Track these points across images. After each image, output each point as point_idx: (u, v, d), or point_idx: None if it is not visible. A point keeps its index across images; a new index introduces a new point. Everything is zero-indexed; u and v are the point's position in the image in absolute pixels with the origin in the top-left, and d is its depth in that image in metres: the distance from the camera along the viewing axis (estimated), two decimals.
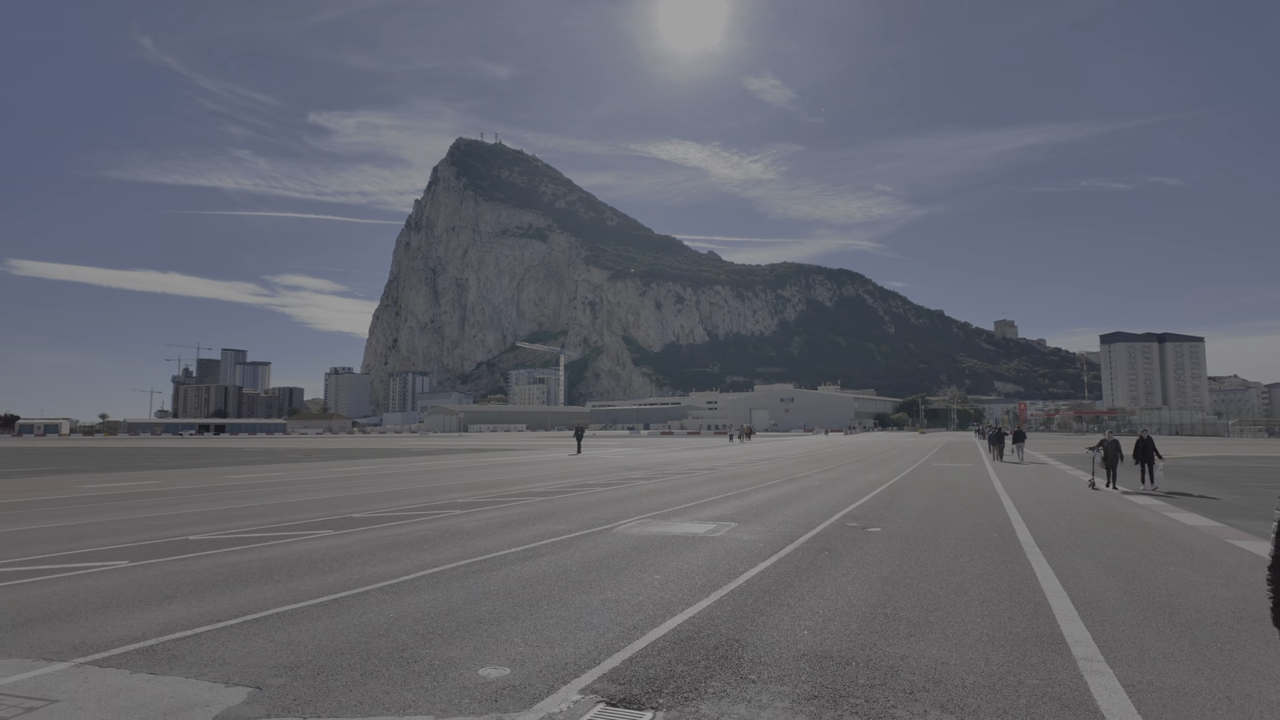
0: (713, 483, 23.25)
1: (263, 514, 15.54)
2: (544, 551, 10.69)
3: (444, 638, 6.33)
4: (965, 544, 11.31)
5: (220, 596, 7.84)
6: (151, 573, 9.17)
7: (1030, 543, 11.45)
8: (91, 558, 10.32)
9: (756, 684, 5.24)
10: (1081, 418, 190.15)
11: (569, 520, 14.19)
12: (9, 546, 11.46)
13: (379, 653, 5.91)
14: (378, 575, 8.96)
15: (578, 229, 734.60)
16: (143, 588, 8.31)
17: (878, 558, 10.15)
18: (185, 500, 18.67)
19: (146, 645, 6.09)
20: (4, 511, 16.53)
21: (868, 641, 6.26)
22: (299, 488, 22.35)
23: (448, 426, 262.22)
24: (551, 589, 8.22)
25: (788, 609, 7.35)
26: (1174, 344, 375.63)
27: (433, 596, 7.86)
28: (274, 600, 7.66)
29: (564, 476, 26.29)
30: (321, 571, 9.20)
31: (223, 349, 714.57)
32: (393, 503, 17.63)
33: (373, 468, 33.01)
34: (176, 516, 15.19)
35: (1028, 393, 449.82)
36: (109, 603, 7.60)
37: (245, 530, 13.03)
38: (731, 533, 12.53)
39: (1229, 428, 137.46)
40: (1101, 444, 21.06)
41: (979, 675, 5.42)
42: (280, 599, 7.72)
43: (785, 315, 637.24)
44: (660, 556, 10.27)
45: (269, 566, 9.54)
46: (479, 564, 9.73)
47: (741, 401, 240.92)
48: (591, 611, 7.22)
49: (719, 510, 15.81)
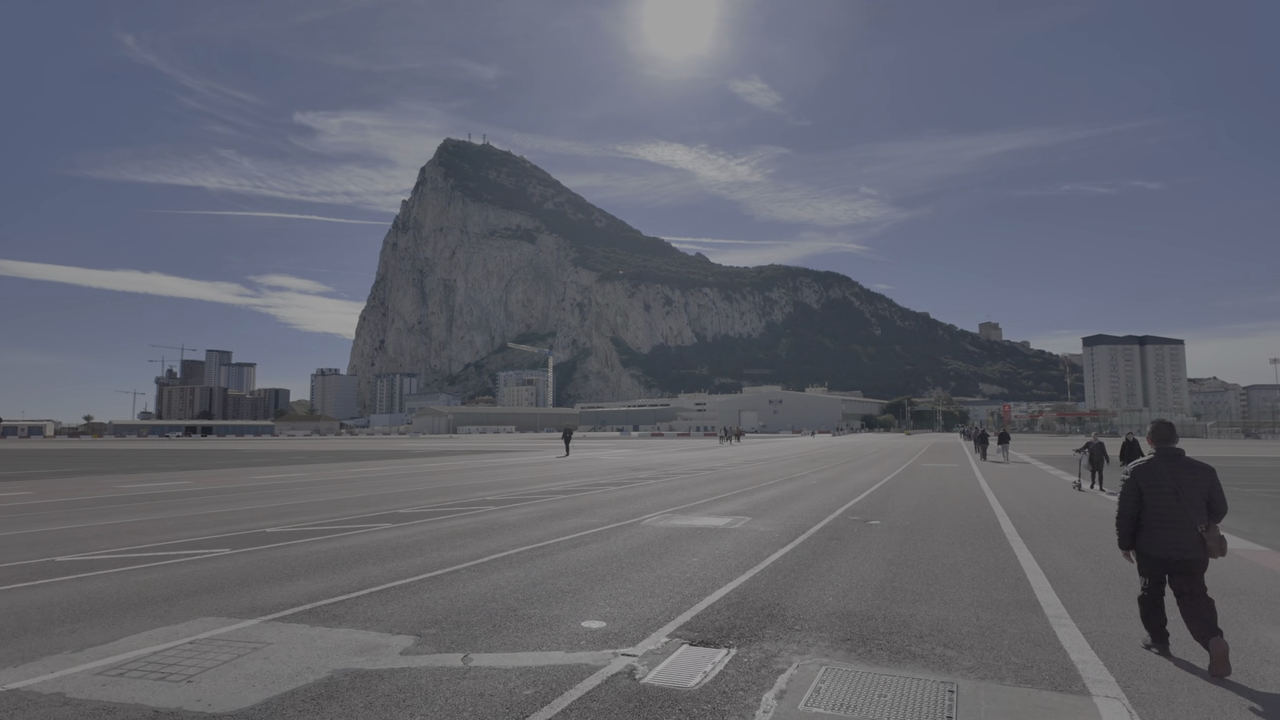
0: (717, 482, 24.76)
1: (314, 511, 16.91)
2: (588, 540, 12.17)
3: (542, 602, 7.82)
4: (956, 533, 12.90)
5: (335, 575, 9.28)
6: (259, 558, 10.58)
7: (1012, 532, 13.05)
8: (195, 546, 11.71)
9: (800, 631, 6.76)
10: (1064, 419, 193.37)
11: (598, 515, 15.66)
12: (111, 538, 12.79)
13: (496, 612, 7.39)
14: (457, 559, 10.42)
15: (566, 230, 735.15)
16: (263, 569, 9.73)
17: (881, 545, 11.71)
18: (228, 499, 19.97)
19: (306, 609, 7.53)
20: (73, 508, 17.78)
21: (882, 605, 7.80)
22: (327, 487, 23.66)
23: (436, 428, 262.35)
24: (610, 569, 9.72)
25: (812, 583, 8.89)
26: (1155, 346, 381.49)
27: (514, 574, 9.34)
28: (383, 578, 9.11)
29: (575, 477, 27.74)
30: (406, 556, 10.65)
31: (207, 350, 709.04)
32: (426, 500, 19.02)
33: (385, 469, 34.30)
34: (235, 513, 16.53)
35: (1012, 394, 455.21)
36: (247, 580, 9.02)
37: (310, 524, 14.41)
38: (748, 525, 14.05)
39: (1207, 429, 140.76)
40: (1087, 446, 21.70)
41: (972, 627, 6.97)
42: (387, 577, 9.17)
43: (773, 317, 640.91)
44: (691, 544, 11.77)
45: (358, 553, 10.96)
46: (538, 550, 11.21)
47: (730, 403, 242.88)
48: (651, 584, 8.73)
49: (731, 506, 17.33)
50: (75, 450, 73.80)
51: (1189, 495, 5.89)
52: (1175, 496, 5.91)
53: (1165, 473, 6.01)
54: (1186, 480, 5.93)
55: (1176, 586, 5.94)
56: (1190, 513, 5.85)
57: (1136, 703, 5.08)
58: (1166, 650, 6.18)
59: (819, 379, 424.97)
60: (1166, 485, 5.97)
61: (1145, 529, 6.07)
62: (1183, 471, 5.98)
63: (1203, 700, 5.13)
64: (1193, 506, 5.86)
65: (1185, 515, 5.87)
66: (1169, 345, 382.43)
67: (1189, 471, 5.97)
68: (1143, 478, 6.09)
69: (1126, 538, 6.20)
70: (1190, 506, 5.86)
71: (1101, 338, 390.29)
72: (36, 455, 59.25)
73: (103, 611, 7.47)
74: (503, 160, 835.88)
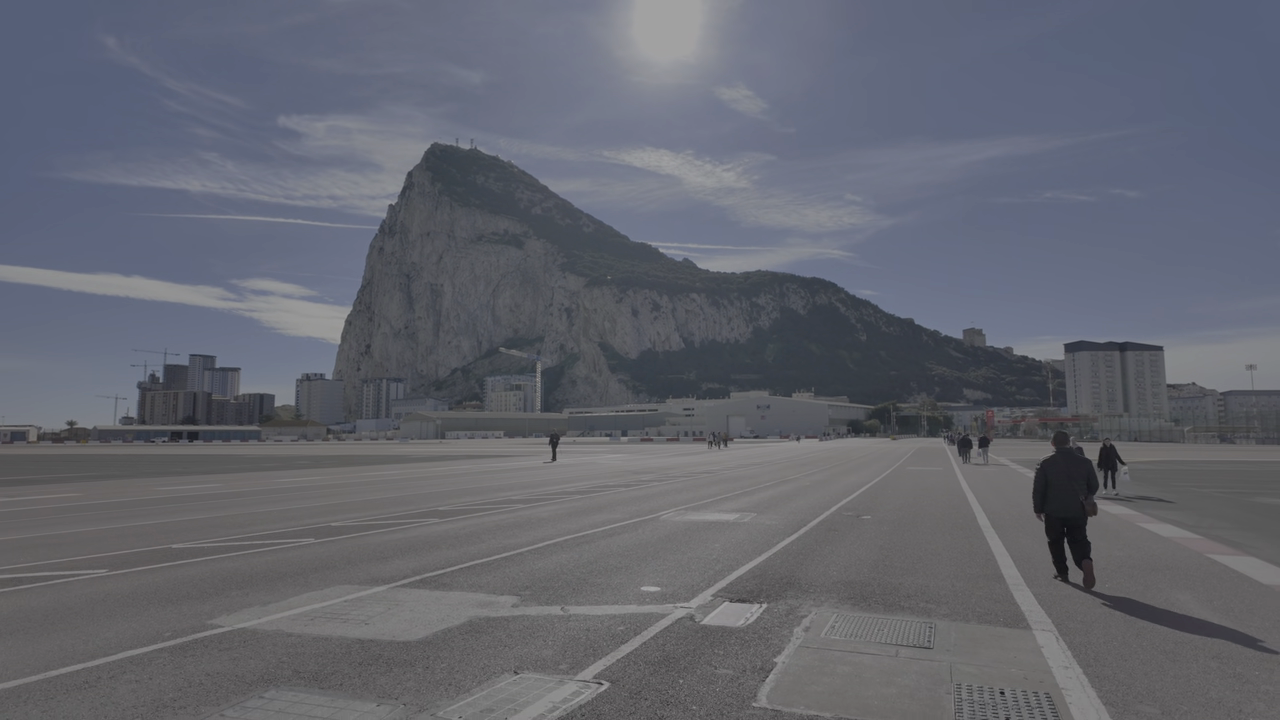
0: (717, 484, 26.64)
1: (360, 509, 18.61)
2: (619, 531, 14.00)
3: (604, 574, 9.66)
4: (937, 526, 14.84)
5: (421, 557, 11.06)
6: (343, 545, 12.33)
7: (987, 525, 15.01)
8: (280, 537, 13.43)
9: (814, 593, 8.64)
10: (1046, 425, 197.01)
11: (618, 511, 17.48)
12: (198, 531, 14.46)
13: (570, 581, 9.22)
14: (516, 544, 12.23)
15: (554, 235, 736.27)
16: (355, 553, 11.48)
17: (873, 534, 13.62)
18: (269, 499, 21.61)
19: (416, 580, 9.33)
20: (133, 507, 19.37)
21: (877, 576, 9.69)
22: (355, 489, 25.31)
23: (425, 433, 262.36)
24: (648, 551, 11.56)
25: (818, 562, 10.77)
26: (1135, 353, 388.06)
27: (569, 555, 11.16)
28: (462, 559, 10.91)
29: (583, 479, 29.52)
30: (471, 543, 12.43)
31: (191, 354, 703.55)
32: (457, 500, 20.76)
33: (399, 473, 35.92)
34: (289, 511, 18.21)
35: (995, 400, 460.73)
36: (351, 560, 10.79)
37: (366, 520, 16.13)
38: (755, 519, 15.93)
39: (1184, 434, 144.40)
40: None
41: (948, 591, 8.86)
42: (465, 558, 10.96)
43: (760, 323, 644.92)
44: (709, 534, 13.63)
45: (427, 541, 12.73)
46: (581, 538, 13.03)
47: (719, 408, 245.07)
48: (687, 562, 10.58)
49: (736, 504, 19.21)
50: (75, 456, 74.57)
51: (1075, 477, 9.35)
52: (1067, 478, 9.37)
53: (1061, 463, 9.47)
54: (1074, 468, 9.39)
55: (1070, 535, 9.40)
56: (1076, 488, 9.32)
57: (1063, 633, 6.99)
58: (1065, 578, 9.48)
59: (805, 384, 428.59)
60: (1062, 471, 9.42)
61: (1049, 499, 9.50)
62: (1071, 463, 9.40)
63: (1112, 631, 7.05)
64: (1077, 484, 9.35)
65: (1073, 490, 9.34)
66: (1149, 351, 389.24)
67: (1075, 463, 9.40)
68: (1048, 467, 9.56)
69: (1038, 504, 9.66)
70: (1076, 484, 9.35)
71: (1083, 344, 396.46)
72: (41, 461, 60.19)
73: (256, 582, 9.24)
74: (490, 165, 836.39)
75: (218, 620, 7.34)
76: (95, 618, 7.50)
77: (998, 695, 5.32)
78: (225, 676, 5.68)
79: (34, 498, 22.96)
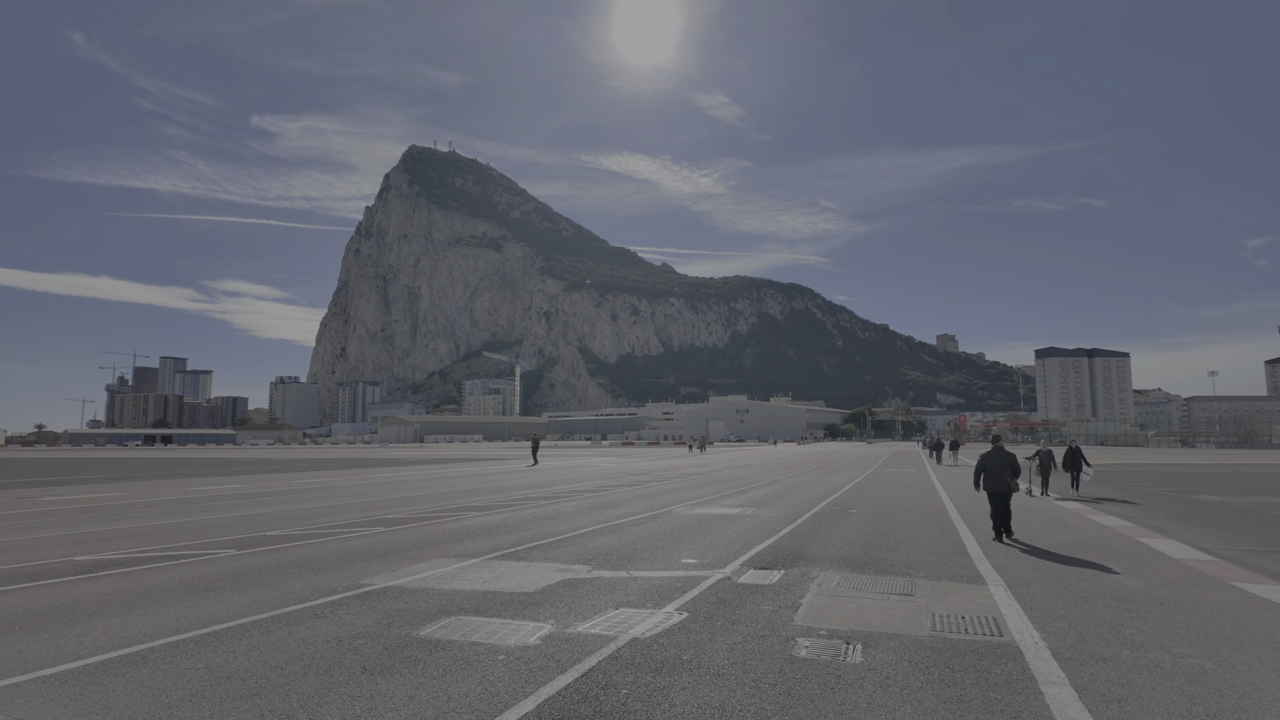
0: (711, 484, 28.91)
1: (400, 504, 20.60)
2: (643, 522, 16.18)
3: (649, 552, 11.85)
4: (914, 517, 17.23)
5: (488, 539, 13.17)
6: (417, 532, 14.38)
7: (956, 516, 17.41)
8: (350, 526, 15.43)
9: (819, 564, 10.91)
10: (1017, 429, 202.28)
11: (632, 507, 19.66)
12: (270, 523, 16.40)
13: (624, 556, 11.40)
14: (559, 531, 14.38)
15: (533, 239, 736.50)
16: (431, 538, 13.54)
17: (860, 524, 15.96)
18: (306, 498, 23.48)
19: (497, 555, 11.45)
20: (183, 505, 21.18)
21: (867, 552, 12.00)
22: (380, 489, 27.22)
23: (402, 437, 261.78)
24: (676, 536, 13.77)
25: (818, 542, 13.06)
26: (1102, 359, 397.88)
27: (611, 539, 13.34)
28: (522, 540, 13.03)
29: (586, 480, 31.64)
30: (521, 530, 14.55)
31: (161, 357, 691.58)
32: (482, 497, 22.79)
33: (406, 474, 37.76)
34: (334, 507, 20.14)
35: (968, 404, 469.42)
36: (432, 542, 12.87)
37: (414, 513, 18.15)
38: (756, 513, 18.20)
39: (1148, 438, 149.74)
40: (1037, 454, 23.53)
41: (924, 562, 11.18)
42: (525, 540, 13.09)
43: (738, 328, 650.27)
44: (720, 524, 15.86)
45: (483, 529, 14.82)
46: (614, 526, 15.20)
47: (698, 413, 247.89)
48: (711, 544, 12.81)
49: (735, 500, 21.48)
50: (64, 459, 75.00)
51: (1003, 465, 13.46)
52: (998, 466, 13.49)
53: (994, 456, 13.65)
54: (1003, 459, 13.55)
55: (997, 509, 13.48)
56: (1005, 473, 13.43)
57: (1010, 587, 9.32)
58: (999, 539, 13.39)
59: (783, 389, 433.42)
60: (994, 461, 13.58)
61: (985, 480, 13.66)
62: (1001, 455, 13.60)
63: (1047, 586, 9.39)
64: (1005, 470, 13.46)
65: (1002, 474, 13.47)
66: (1115, 358, 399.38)
67: (1004, 455, 13.59)
68: (984, 458, 13.75)
69: (976, 483, 13.95)
70: (1004, 470, 13.46)
71: (1053, 350, 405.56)
72: (34, 464, 60.87)
73: (369, 558, 11.31)
74: (469, 168, 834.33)
75: (366, 581, 9.44)
76: (271, 579, 9.55)
77: (960, 618, 7.62)
78: (407, 612, 7.81)
79: (86, 496, 24.59)
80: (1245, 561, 11.41)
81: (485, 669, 5.91)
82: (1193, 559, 11.58)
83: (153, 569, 10.45)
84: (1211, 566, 10.92)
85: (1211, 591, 9.16)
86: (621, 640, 6.72)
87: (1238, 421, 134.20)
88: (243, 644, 6.62)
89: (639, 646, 6.54)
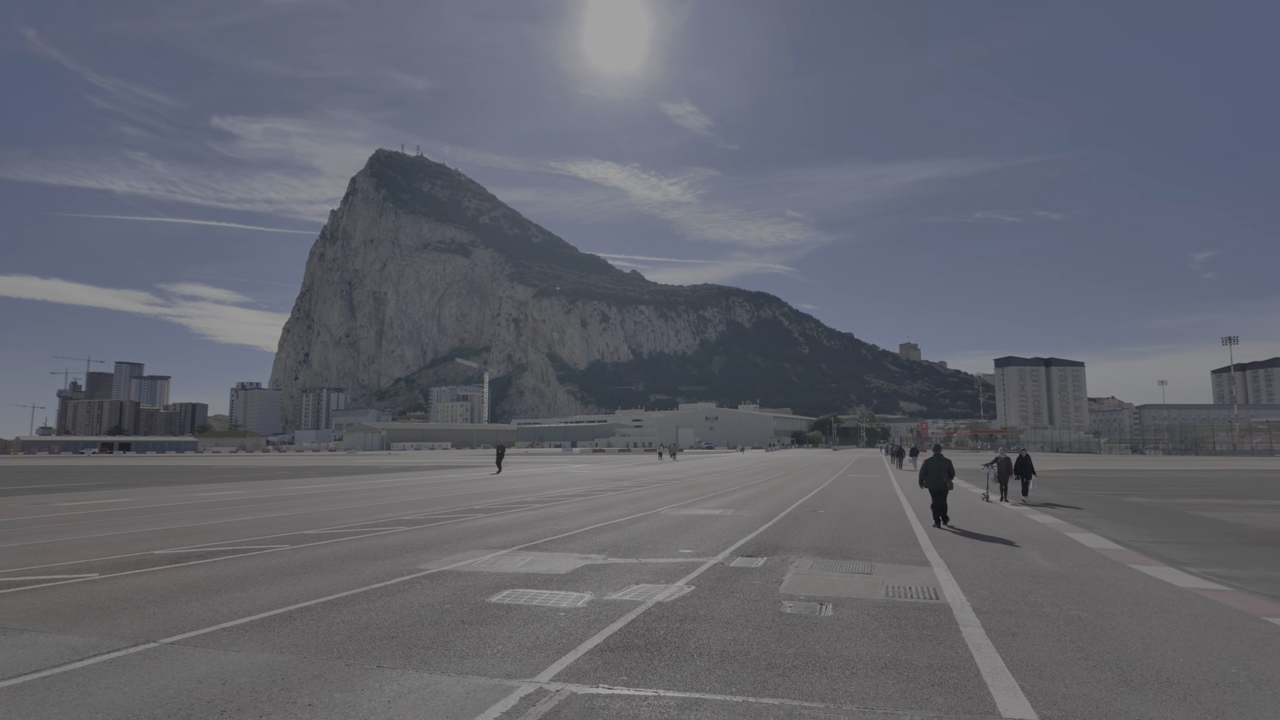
0: (690, 489, 30.97)
1: (407, 508, 22.28)
2: (637, 521, 18.15)
3: (649, 544, 13.84)
4: (875, 517, 19.47)
5: (506, 535, 15.03)
6: (439, 530, 16.16)
7: (912, 516, 19.68)
8: (377, 525, 17.15)
9: (795, 552, 13.01)
10: (977, 436, 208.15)
11: (623, 509, 21.61)
12: (304, 523, 18.01)
13: (629, 547, 13.37)
14: (566, 529, 16.29)
15: (502, 245, 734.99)
16: (456, 535, 15.34)
17: (828, 522, 18.13)
18: (315, 502, 25.01)
19: (521, 548, 13.34)
20: (203, 510, 22.59)
21: (834, 544, 14.14)
22: (381, 494, 28.78)
23: (369, 445, 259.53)
24: (668, 532, 15.77)
25: (792, 536, 15.17)
26: (1059, 368, 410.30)
27: (614, 535, 15.30)
28: (535, 537, 14.91)
29: (570, 485, 33.50)
30: (529, 529, 16.42)
31: (116, 362, 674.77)
32: (480, 500, 24.53)
33: (395, 481, 39.21)
34: (352, 510, 21.76)
35: (930, 412, 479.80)
36: (460, 537, 14.68)
37: (425, 515, 19.88)
38: (736, 513, 20.29)
39: (1101, 445, 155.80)
40: (995, 461, 24.87)
41: (882, 551, 13.34)
42: (536, 537, 14.97)
43: (707, 335, 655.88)
44: (706, 523, 17.90)
45: (496, 528, 16.66)
46: (610, 525, 17.15)
47: (668, 420, 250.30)
48: (701, 538, 14.84)
49: (715, 503, 23.55)
50: (33, 468, 74.39)
51: (941, 468, 16.84)
52: (937, 468, 16.85)
53: (935, 460, 17.01)
54: (941, 463, 16.92)
55: (937, 502, 16.75)
56: (942, 474, 16.77)
57: (950, 569, 11.50)
58: (938, 525, 16.67)
59: (751, 396, 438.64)
60: (935, 464, 16.95)
61: (927, 480, 16.94)
62: (940, 459, 16.94)
63: (980, 568, 11.59)
64: (943, 472, 16.84)
65: (940, 474, 16.84)
66: (1071, 367, 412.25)
67: (942, 460, 16.91)
68: (928, 461, 16.99)
69: (921, 482, 17.04)
70: (943, 472, 16.82)
71: (1011, 359, 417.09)
72: (9, 473, 60.66)
73: (411, 550, 13.11)
74: (437, 173, 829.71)
75: (422, 567, 11.29)
76: (341, 566, 11.33)
77: (908, 588, 9.76)
78: (471, 587, 9.69)
79: (102, 502, 25.77)
80: (1146, 549, 13.77)
81: (554, 620, 7.87)
82: (1104, 548, 13.91)
83: (233, 559, 12.16)
84: (1118, 554, 13.24)
85: (1110, 571, 11.43)
86: (649, 603, 8.72)
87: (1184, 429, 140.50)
88: (357, 608, 8.47)
89: (664, 607, 8.54)
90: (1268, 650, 6.94)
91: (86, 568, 11.50)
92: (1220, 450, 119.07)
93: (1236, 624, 7.94)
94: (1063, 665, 6.44)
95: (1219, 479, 37.31)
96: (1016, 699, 5.57)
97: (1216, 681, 6.03)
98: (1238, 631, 7.63)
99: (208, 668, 6.27)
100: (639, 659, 6.51)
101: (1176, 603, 9.02)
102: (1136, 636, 7.41)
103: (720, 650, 6.80)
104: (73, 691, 5.70)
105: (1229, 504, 23.11)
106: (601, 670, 6.20)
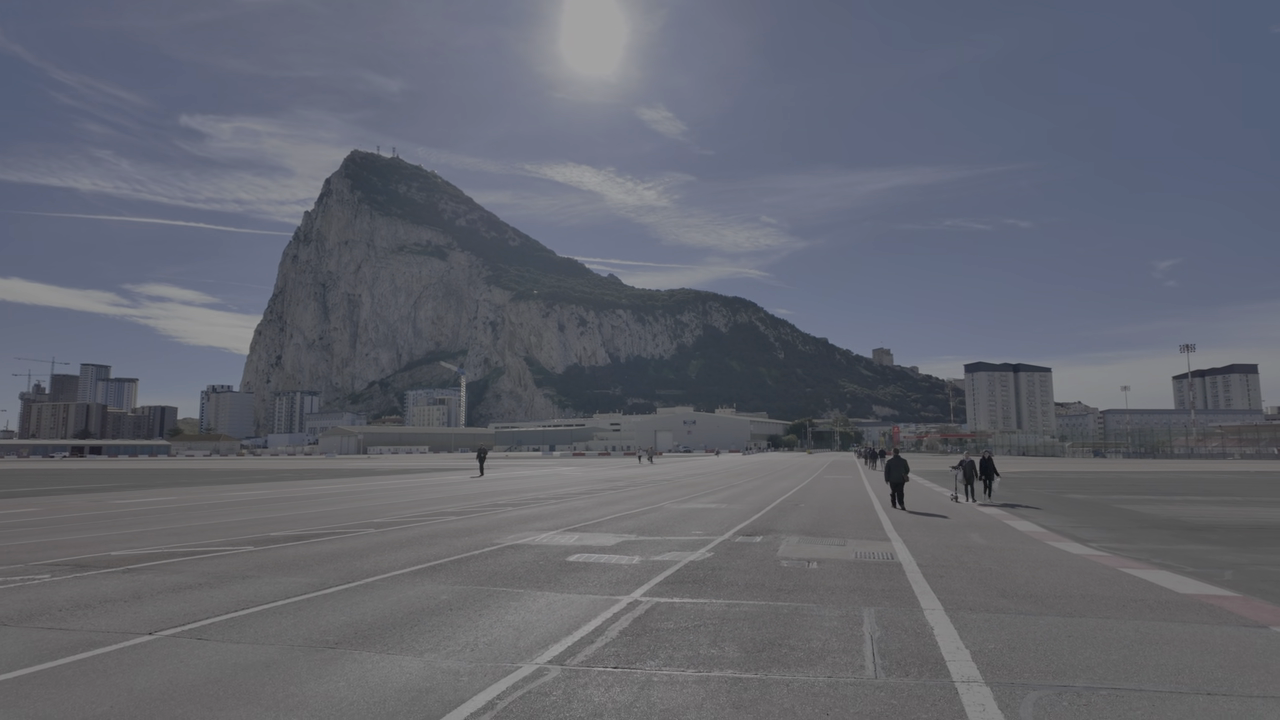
0: (682, 488, 34.18)
1: (435, 503, 25.19)
2: (647, 512, 21.29)
3: (667, 528, 17.00)
4: (848, 509, 22.84)
5: (544, 523, 18.09)
6: (482, 520, 19.15)
7: (880, 509, 23.06)
8: (428, 516, 20.09)
9: (784, 533, 16.26)
10: (947, 440, 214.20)
11: (631, 504, 24.74)
12: (360, 516, 20.87)
13: (652, 529, 16.52)
14: (589, 518, 19.38)
15: (479, 248, 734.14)
16: (499, 523, 18.35)
17: (808, 513, 21.43)
18: (347, 499, 27.78)
19: (561, 531, 16.41)
20: (246, 506, 25.28)
21: (815, 527, 17.42)
22: (396, 493, 31.60)
23: (345, 448, 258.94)
24: (679, 520, 18.95)
25: (781, 522, 18.43)
26: (1026, 374, 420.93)
27: (635, 521, 18.43)
28: (568, 524, 17.99)
29: (571, 484, 36.55)
30: (558, 518, 19.48)
31: (82, 364, 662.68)
32: (497, 498, 27.49)
33: (400, 482, 41.94)
34: (391, 505, 24.61)
35: (902, 416, 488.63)
36: (505, 525, 17.71)
37: (458, 509, 22.83)
38: (729, 506, 23.52)
39: (1065, 449, 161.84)
40: (961, 464, 26.89)
41: (853, 533, 16.64)
42: (569, 523, 18.05)
43: (684, 339, 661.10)
44: (706, 514, 21.10)
45: (526, 518, 19.69)
46: (627, 515, 20.28)
47: (646, 424, 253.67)
48: (705, 524, 18.04)
49: (708, 499, 26.78)
50: (25, 471, 75.46)
51: (899, 466, 22.69)
52: (896, 464, 22.73)
53: (895, 460, 22.88)
54: (901, 463, 22.78)
55: (896, 492, 22.73)
56: (901, 470, 22.53)
57: (906, 544, 14.82)
58: (894, 506, 22.39)
59: (727, 400, 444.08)
60: (894, 463, 22.83)
61: (889, 475, 22.63)
62: (898, 460, 22.82)
63: (930, 543, 14.91)
64: (901, 469, 22.64)
65: (900, 470, 22.65)
66: (1039, 373, 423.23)
67: (900, 460, 22.78)
68: (890, 461, 22.91)
69: (886, 477, 22.68)
70: (901, 469, 22.57)
71: (981, 365, 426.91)
72: (6, 477, 62.04)
73: (476, 531, 16.12)
74: (413, 175, 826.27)
75: (495, 542, 14.34)
76: (429, 543, 14.31)
77: (872, 554, 13.06)
78: (545, 554, 12.77)
79: (150, 500, 28.30)
80: (1065, 532, 17.21)
81: (622, 569, 11.04)
82: (1031, 531, 17.33)
83: (323, 541, 15.09)
84: (1040, 534, 16.66)
85: (1027, 545, 14.80)
86: (683, 562, 11.91)
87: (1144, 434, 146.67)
88: (468, 569, 11.52)
89: (694, 565, 11.73)
90: (1109, 583, 10.30)
91: (239, 543, 14.38)
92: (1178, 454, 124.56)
93: (1097, 572, 11.30)
94: (968, 590, 9.75)
95: (1160, 480, 41.37)
96: (933, 601, 8.88)
97: (1061, 595, 9.39)
98: (1094, 574, 11.00)
99: (415, 592, 9.38)
100: (692, 588, 9.73)
101: (1065, 561, 12.40)
102: (1024, 578, 10.75)
103: (744, 583, 10.04)
104: (311, 611, 8.70)
105: (1152, 499, 26.84)
106: (670, 591, 9.43)
